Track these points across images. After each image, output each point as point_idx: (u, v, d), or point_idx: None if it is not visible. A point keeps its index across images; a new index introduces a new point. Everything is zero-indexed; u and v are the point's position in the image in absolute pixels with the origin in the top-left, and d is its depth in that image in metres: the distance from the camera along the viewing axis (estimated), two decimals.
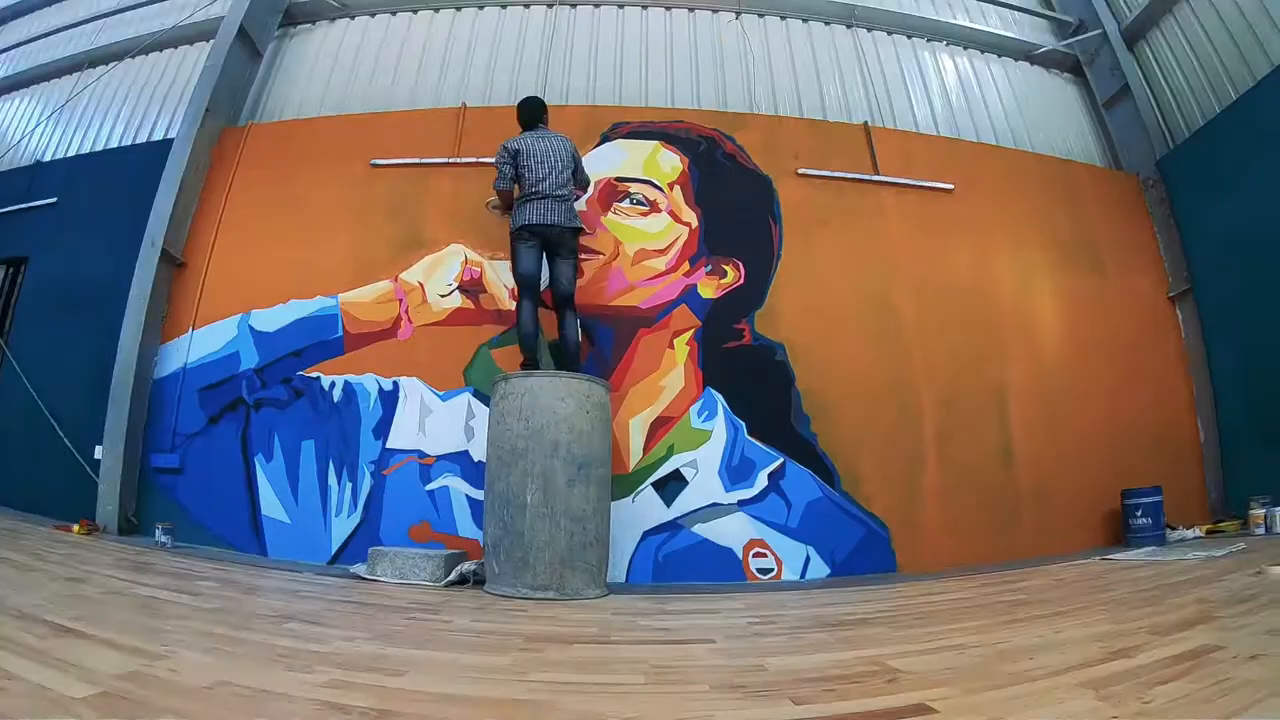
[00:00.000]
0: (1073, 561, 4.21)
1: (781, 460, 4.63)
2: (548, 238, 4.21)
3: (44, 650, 1.62)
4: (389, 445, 4.70)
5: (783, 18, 6.47)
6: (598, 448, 3.77)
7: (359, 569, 3.88)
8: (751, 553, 4.44)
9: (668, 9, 6.40)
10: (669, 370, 4.77)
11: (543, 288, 4.37)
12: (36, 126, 7.16)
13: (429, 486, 4.59)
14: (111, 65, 6.93)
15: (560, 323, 4.28)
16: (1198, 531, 4.79)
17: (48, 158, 6.88)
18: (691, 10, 6.40)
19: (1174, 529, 4.82)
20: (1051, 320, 5.39)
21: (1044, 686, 1.49)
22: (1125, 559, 4.08)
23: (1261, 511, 4.53)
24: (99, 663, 1.55)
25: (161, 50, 6.93)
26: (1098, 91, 6.65)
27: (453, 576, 3.75)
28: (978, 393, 5.01)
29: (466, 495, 4.56)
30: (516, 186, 4.32)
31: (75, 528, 4.56)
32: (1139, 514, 4.78)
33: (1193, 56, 6.07)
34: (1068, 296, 5.48)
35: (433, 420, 4.72)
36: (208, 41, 6.29)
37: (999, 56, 6.76)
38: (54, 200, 6.28)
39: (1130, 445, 5.22)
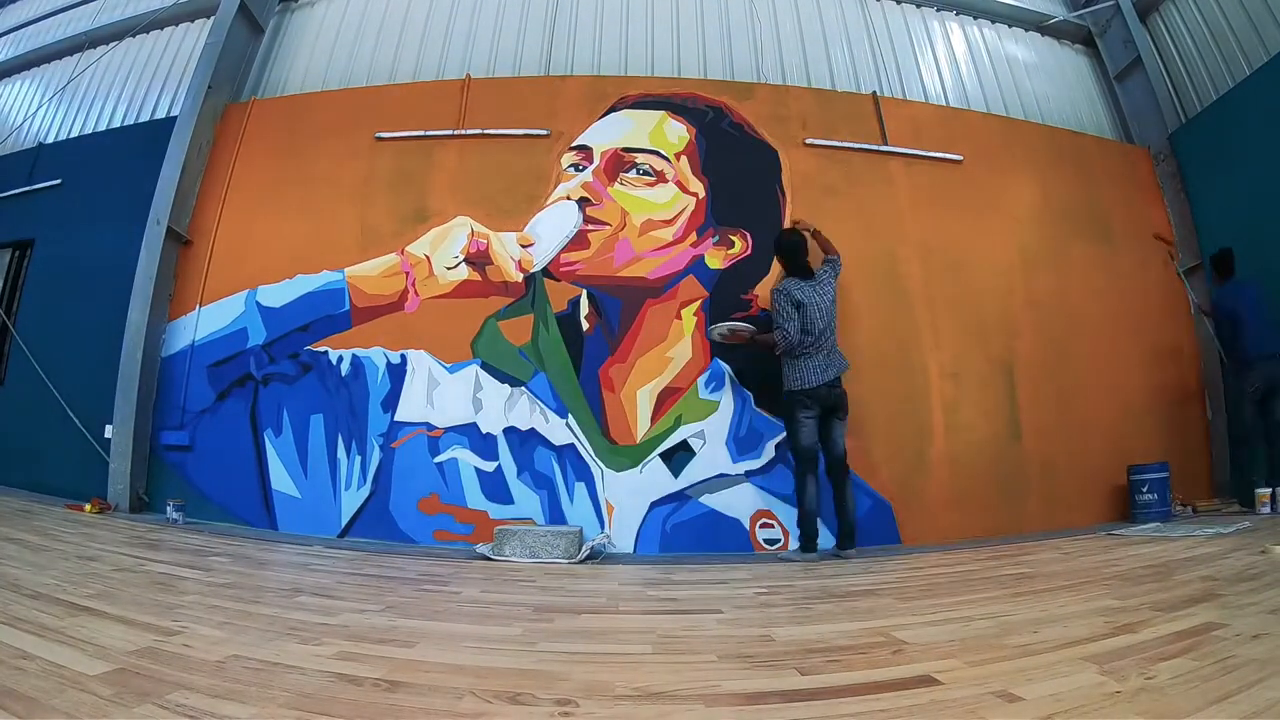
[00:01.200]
0: (1078, 536, 4.21)
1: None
2: (826, 401, 4.04)
3: (59, 629, 1.64)
4: (397, 418, 4.71)
5: None
6: None
7: (483, 549, 3.88)
8: (759, 523, 4.45)
9: None
10: (676, 341, 4.75)
11: None
12: (39, 109, 7.14)
13: (438, 459, 4.61)
14: (112, 45, 6.89)
15: (839, 494, 4.02)
16: (1190, 509, 4.81)
17: (50, 140, 6.87)
18: None
19: (1182, 506, 4.83)
20: (1059, 293, 5.33)
21: (1048, 660, 1.50)
22: (1130, 535, 4.08)
23: (1267, 491, 4.53)
24: (113, 640, 1.57)
25: (162, 28, 6.88)
26: (1109, 63, 6.54)
27: (586, 552, 3.79)
28: (985, 364, 4.99)
29: (475, 467, 4.57)
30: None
31: (87, 507, 4.61)
32: (1145, 490, 4.77)
33: (1206, 29, 5.98)
34: (1076, 270, 5.42)
35: (440, 393, 4.73)
36: (209, 18, 6.25)
37: (1010, 27, 6.66)
38: (58, 182, 6.28)
39: (1138, 421, 5.21)
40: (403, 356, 4.80)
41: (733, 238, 4.98)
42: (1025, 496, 4.83)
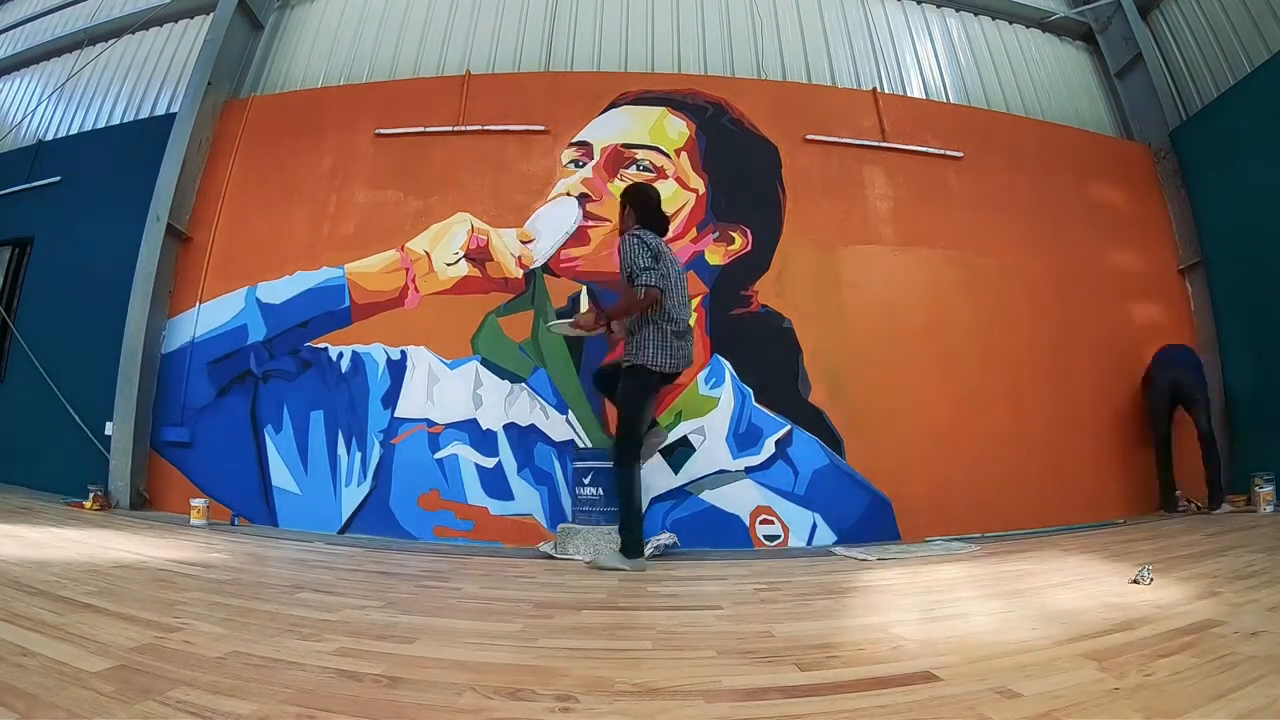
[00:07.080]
0: (1077, 533, 4.22)
1: (789, 428, 4.63)
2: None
3: (60, 626, 1.63)
4: (397, 414, 4.71)
5: None
6: None
7: (546, 547, 3.83)
8: (759, 520, 4.45)
9: None
10: None
11: None
12: (38, 106, 7.12)
13: (438, 455, 4.61)
14: (111, 42, 6.88)
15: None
16: (1198, 505, 4.82)
17: (50, 137, 6.86)
18: None
19: (1186, 502, 4.84)
20: (1060, 290, 5.33)
21: (1047, 656, 1.50)
22: (1130, 531, 4.08)
23: (1270, 489, 4.53)
24: (114, 636, 1.57)
25: (162, 25, 6.87)
26: (1110, 60, 6.53)
27: (652, 549, 3.73)
28: (984, 361, 4.99)
29: (475, 463, 4.57)
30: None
31: (87, 504, 4.60)
32: None
33: (1207, 26, 5.96)
34: (1076, 266, 5.42)
35: (440, 389, 4.73)
36: (208, 15, 6.23)
37: (1010, 23, 6.63)
38: (58, 179, 6.26)
39: (1138, 418, 5.20)
40: (403, 353, 4.80)
41: (733, 234, 4.98)
42: (1025, 494, 4.83)
